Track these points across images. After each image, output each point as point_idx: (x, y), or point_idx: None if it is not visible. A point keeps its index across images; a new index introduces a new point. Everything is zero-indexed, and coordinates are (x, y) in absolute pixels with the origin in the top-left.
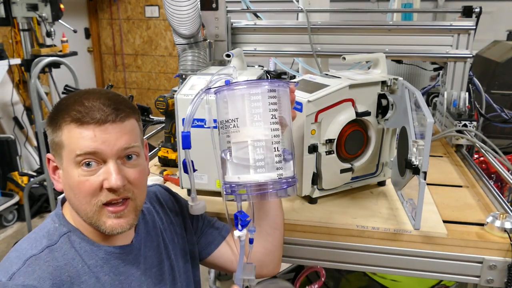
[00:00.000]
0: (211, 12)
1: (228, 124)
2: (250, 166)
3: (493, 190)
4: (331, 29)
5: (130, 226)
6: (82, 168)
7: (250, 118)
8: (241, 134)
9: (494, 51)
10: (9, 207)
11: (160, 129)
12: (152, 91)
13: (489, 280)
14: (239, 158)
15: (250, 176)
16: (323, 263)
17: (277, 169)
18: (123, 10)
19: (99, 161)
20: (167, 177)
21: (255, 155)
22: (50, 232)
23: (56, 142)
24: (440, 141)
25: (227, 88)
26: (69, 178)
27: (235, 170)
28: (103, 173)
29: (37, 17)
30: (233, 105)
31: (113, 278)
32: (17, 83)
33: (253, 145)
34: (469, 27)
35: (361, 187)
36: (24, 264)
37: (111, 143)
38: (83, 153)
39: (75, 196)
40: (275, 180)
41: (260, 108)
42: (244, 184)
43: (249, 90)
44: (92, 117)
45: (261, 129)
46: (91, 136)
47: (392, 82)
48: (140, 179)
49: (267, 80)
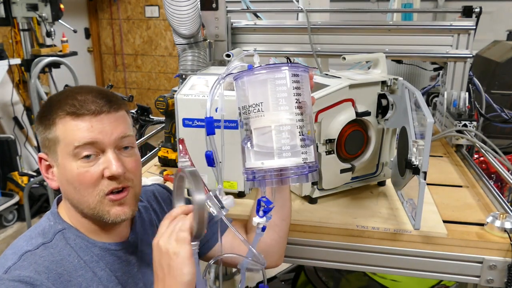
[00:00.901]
0: (211, 12)
1: (251, 109)
2: (275, 151)
3: (493, 190)
4: (331, 29)
5: (132, 212)
6: (81, 160)
7: (274, 102)
8: (265, 118)
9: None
10: (9, 207)
11: (160, 129)
12: (152, 91)
13: (489, 280)
14: (262, 143)
15: (275, 161)
16: (323, 263)
17: (302, 153)
18: (123, 10)
19: (98, 152)
20: (167, 177)
21: (281, 140)
22: (45, 230)
23: (49, 139)
24: (440, 141)
25: (251, 72)
26: (67, 172)
27: (258, 155)
28: (102, 163)
29: (37, 17)
30: (256, 90)
31: (109, 274)
32: (17, 83)
33: (278, 130)
34: (469, 27)
35: (361, 187)
36: (19, 259)
37: (108, 132)
38: (82, 144)
39: (75, 190)
40: (300, 164)
41: (285, 92)
42: (269, 170)
43: (274, 74)
44: (87, 109)
45: (286, 114)
46: (88, 127)
47: (392, 82)
48: (137, 168)
49: (290, 64)
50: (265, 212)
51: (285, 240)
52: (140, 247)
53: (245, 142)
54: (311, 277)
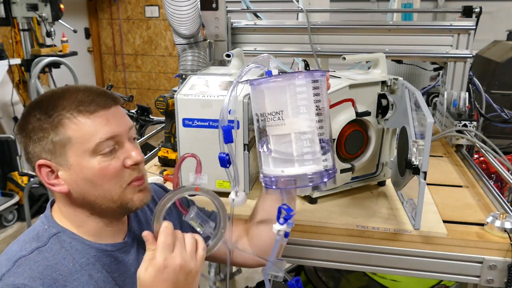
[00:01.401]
0: (211, 12)
1: (271, 117)
2: (295, 159)
3: (493, 190)
4: (331, 29)
5: (150, 197)
6: (101, 156)
7: (295, 110)
8: (285, 127)
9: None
10: (9, 207)
11: (160, 129)
12: (152, 91)
13: (489, 280)
14: (282, 150)
15: (296, 169)
16: (323, 263)
17: (323, 160)
18: (123, 10)
19: (115, 145)
20: (167, 177)
21: (302, 148)
22: (40, 234)
23: (55, 142)
24: (440, 141)
25: (270, 79)
26: (85, 170)
27: (277, 162)
28: (122, 154)
29: (37, 17)
30: (276, 97)
31: (106, 275)
32: (17, 83)
33: (299, 138)
34: (469, 27)
35: (361, 187)
36: (13, 265)
37: (122, 124)
38: (104, 139)
39: (95, 186)
40: (320, 171)
41: (305, 100)
42: (290, 177)
43: (294, 81)
44: (98, 104)
45: (307, 121)
46: (105, 121)
47: (392, 82)
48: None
49: (309, 71)
50: (286, 219)
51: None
52: (137, 247)
53: (261, 145)
54: (311, 277)
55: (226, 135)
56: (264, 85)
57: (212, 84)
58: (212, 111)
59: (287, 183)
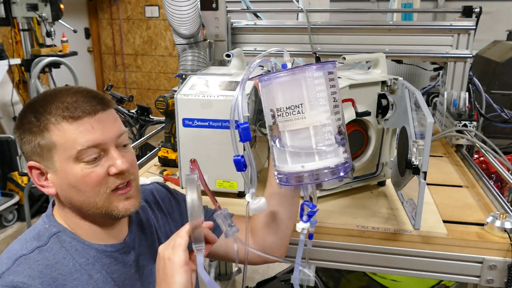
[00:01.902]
0: (211, 12)
1: (290, 111)
2: (315, 153)
3: (493, 190)
4: (331, 29)
5: (138, 204)
6: (84, 162)
7: (314, 102)
8: (306, 120)
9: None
10: (9, 207)
11: (160, 129)
12: (152, 91)
13: (489, 280)
14: (300, 144)
15: (317, 163)
16: (323, 263)
17: (343, 152)
18: (123, 10)
19: (100, 152)
20: (167, 177)
21: (323, 141)
22: (40, 234)
23: (42, 146)
24: (440, 141)
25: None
26: (69, 176)
27: (296, 158)
28: (106, 161)
29: (37, 17)
30: (294, 91)
31: (106, 276)
32: (17, 83)
33: (320, 130)
34: (469, 27)
35: (361, 187)
36: (13, 264)
37: (108, 131)
38: (86, 147)
39: (79, 192)
40: (342, 163)
41: (324, 91)
42: (311, 172)
43: (312, 73)
44: (83, 110)
45: (326, 113)
46: (89, 128)
47: (392, 82)
48: (135, 161)
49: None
50: (310, 216)
51: (289, 238)
52: (137, 248)
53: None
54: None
55: (244, 133)
56: (281, 79)
57: (212, 84)
58: (212, 111)
59: (309, 178)
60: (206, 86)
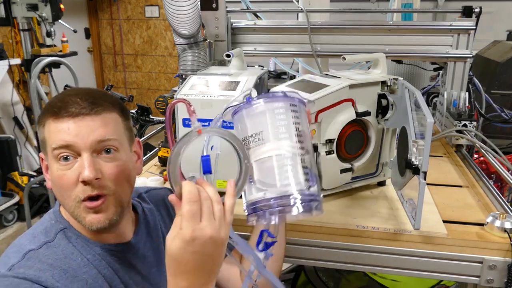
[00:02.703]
0: (211, 12)
1: (251, 139)
2: (277, 180)
3: (493, 190)
4: (331, 29)
5: (109, 221)
6: (59, 163)
7: (274, 132)
8: (266, 147)
9: (494, 51)
10: (9, 207)
11: (160, 129)
12: (152, 91)
13: (489, 280)
14: (264, 175)
15: (278, 189)
16: (323, 263)
17: (306, 180)
18: (123, 10)
19: (75, 155)
20: (167, 177)
21: (283, 168)
22: (47, 229)
23: (41, 140)
24: (440, 141)
25: (249, 104)
26: (51, 173)
27: (260, 187)
28: (77, 167)
29: (37, 17)
30: (256, 120)
31: (112, 273)
32: (17, 83)
33: (280, 157)
34: (469, 27)
35: (361, 187)
36: (23, 258)
37: (85, 135)
38: (58, 146)
39: (57, 191)
40: (303, 192)
41: (284, 120)
42: (272, 199)
43: (273, 104)
44: (67, 111)
45: (287, 141)
46: (66, 129)
47: (392, 82)
48: (117, 174)
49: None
50: (267, 246)
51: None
52: (142, 250)
53: None
54: (311, 277)
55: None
56: (244, 111)
57: (212, 84)
58: (212, 111)
59: (271, 206)
60: (206, 86)
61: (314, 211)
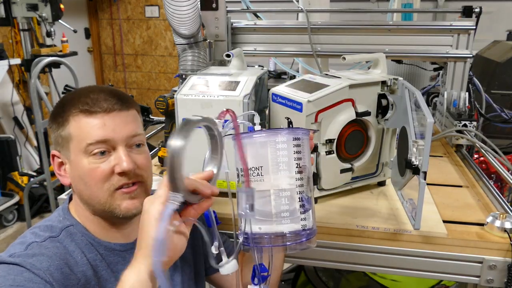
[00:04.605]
0: (211, 12)
1: (250, 173)
2: (273, 216)
3: (493, 190)
4: (331, 29)
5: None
6: (94, 157)
7: (275, 166)
8: (265, 183)
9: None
10: (9, 207)
11: (160, 129)
12: (152, 91)
13: (489, 280)
14: (261, 207)
15: (273, 227)
16: (323, 263)
17: (301, 220)
18: (123, 10)
19: (109, 149)
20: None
21: (280, 205)
22: (54, 225)
23: (62, 136)
24: (440, 141)
25: (251, 135)
26: (78, 168)
27: (255, 220)
28: (113, 159)
29: (37, 17)
30: (256, 153)
31: (110, 275)
32: (17, 83)
33: (278, 195)
34: (469, 27)
35: (361, 187)
36: (26, 249)
37: (120, 130)
38: (95, 141)
39: (85, 185)
40: (298, 231)
41: (286, 156)
42: (266, 235)
43: (275, 138)
44: (100, 107)
45: (286, 178)
46: (101, 124)
47: (392, 82)
48: (147, 164)
49: (291, 129)
50: (260, 280)
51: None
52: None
53: None
54: (311, 277)
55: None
56: (246, 140)
57: (212, 84)
58: (212, 111)
59: (264, 241)
60: (206, 86)
61: (306, 244)
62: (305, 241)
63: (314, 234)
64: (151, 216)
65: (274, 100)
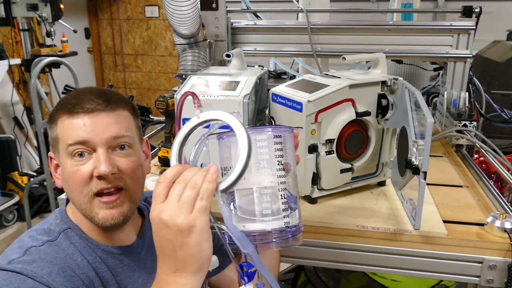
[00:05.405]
0: (211, 12)
1: None
2: (256, 214)
3: (493, 190)
4: (331, 29)
5: (124, 217)
6: (74, 158)
7: (255, 164)
8: (246, 181)
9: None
10: (9, 207)
11: (160, 129)
12: (152, 91)
13: (489, 280)
14: (244, 205)
15: (256, 225)
16: (323, 263)
17: (284, 217)
18: (123, 10)
19: (90, 151)
20: None
21: (261, 203)
22: (51, 228)
23: (53, 138)
24: (440, 141)
25: (231, 134)
26: (64, 170)
27: (239, 218)
28: (93, 162)
29: (37, 17)
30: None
31: (111, 277)
32: (17, 83)
33: (259, 192)
34: (469, 27)
35: (361, 187)
36: (24, 254)
37: (100, 131)
38: (74, 142)
39: (69, 188)
40: (282, 228)
41: (266, 154)
42: (250, 233)
43: (255, 136)
44: (81, 107)
45: (267, 176)
46: (81, 125)
47: (392, 82)
48: (132, 169)
49: (272, 126)
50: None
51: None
52: (144, 254)
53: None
54: (311, 277)
55: None
56: (225, 139)
57: (212, 84)
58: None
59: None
60: (206, 86)
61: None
62: (291, 238)
63: (299, 231)
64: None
65: (274, 100)
